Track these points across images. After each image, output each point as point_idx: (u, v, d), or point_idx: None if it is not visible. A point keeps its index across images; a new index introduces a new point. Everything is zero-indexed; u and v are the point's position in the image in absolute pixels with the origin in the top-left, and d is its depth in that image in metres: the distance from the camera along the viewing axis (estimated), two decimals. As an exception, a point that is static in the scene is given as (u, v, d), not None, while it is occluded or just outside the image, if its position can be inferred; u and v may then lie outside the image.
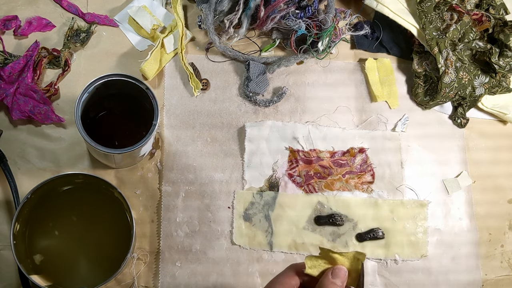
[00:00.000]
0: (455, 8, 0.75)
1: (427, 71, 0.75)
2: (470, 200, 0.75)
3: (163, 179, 0.70)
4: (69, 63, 0.71)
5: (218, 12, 0.73)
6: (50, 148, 0.69)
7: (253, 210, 0.70)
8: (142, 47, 0.74)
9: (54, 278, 0.60)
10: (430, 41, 0.73)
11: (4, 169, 0.66)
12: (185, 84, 0.74)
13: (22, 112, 0.68)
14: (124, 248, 0.60)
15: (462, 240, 0.73)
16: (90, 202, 0.64)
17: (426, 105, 0.76)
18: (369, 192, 0.72)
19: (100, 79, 0.60)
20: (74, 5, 0.74)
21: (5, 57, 0.69)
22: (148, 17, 0.74)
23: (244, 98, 0.74)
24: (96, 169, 0.69)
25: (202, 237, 0.69)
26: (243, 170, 0.71)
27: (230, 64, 0.76)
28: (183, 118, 0.73)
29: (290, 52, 0.76)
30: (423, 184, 0.74)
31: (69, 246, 0.62)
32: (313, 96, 0.75)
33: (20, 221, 0.59)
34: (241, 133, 0.73)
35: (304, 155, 0.72)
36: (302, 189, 0.71)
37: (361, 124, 0.75)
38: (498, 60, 0.74)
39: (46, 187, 0.60)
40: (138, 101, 0.63)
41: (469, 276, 0.72)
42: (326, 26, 0.72)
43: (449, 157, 0.76)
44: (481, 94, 0.75)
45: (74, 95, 0.70)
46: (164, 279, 0.67)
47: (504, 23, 0.75)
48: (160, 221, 0.68)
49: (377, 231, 0.71)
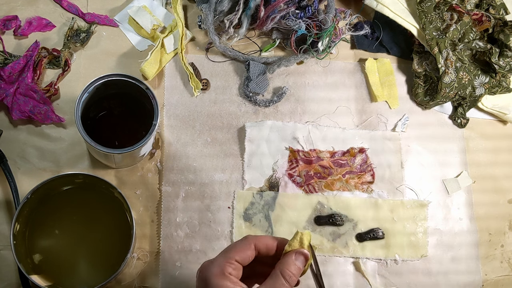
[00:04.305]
0: (455, 8, 0.75)
1: (427, 71, 0.75)
2: (470, 200, 0.75)
3: (163, 179, 0.70)
4: (69, 63, 0.71)
5: (218, 12, 0.73)
6: (50, 148, 0.69)
7: (253, 210, 0.70)
8: (142, 47, 0.74)
9: (54, 278, 0.60)
10: (430, 41, 0.73)
11: (4, 169, 0.66)
12: (185, 84, 0.74)
13: (22, 112, 0.68)
14: (124, 248, 0.60)
15: (462, 240, 0.73)
16: (90, 202, 0.64)
17: (426, 105, 0.76)
18: (369, 192, 0.72)
19: (100, 79, 0.60)
20: (74, 5, 0.74)
21: (5, 57, 0.69)
22: (148, 17, 0.74)
23: (244, 98, 0.74)
24: (96, 169, 0.69)
25: (202, 237, 0.69)
26: (243, 170, 0.71)
27: (230, 64, 0.76)
28: (183, 118, 0.73)
29: (290, 52, 0.76)
30: (423, 184, 0.74)
31: (69, 246, 0.62)
32: (313, 96, 0.75)
33: (20, 221, 0.59)
34: (241, 133, 0.73)
35: (304, 155, 0.72)
36: (302, 189, 0.71)
37: (361, 124, 0.75)
38: (498, 60, 0.74)
39: (46, 187, 0.60)
40: (138, 101, 0.63)
41: (469, 276, 0.72)
42: (326, 26, 0.72)
43: (449, 157, 0.76)
44: (481, 94, 0.75)
45: (74, 95, 0.70)
46: (164, 279, 0.67)
47: (504, 23, 0.75)
48: (160, 221, 0.68)
49: (377, 231, 0.71)
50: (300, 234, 0.51)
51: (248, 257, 0.50)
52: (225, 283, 0.48)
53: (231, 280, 0.48)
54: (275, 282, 0.48)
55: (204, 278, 0.49)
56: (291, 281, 0.49)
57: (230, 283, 0.48)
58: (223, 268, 0.49)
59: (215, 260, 0.50)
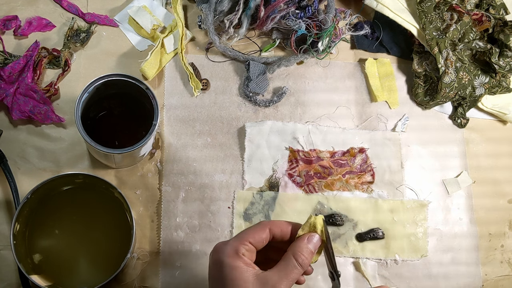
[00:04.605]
0: (455, 8, 0.75)
1: (427, 71, 0.75)
2: (470, 201, 0.75)
3: (163, 179, 0.70)
4: (69, 63, 0.71)
5: (218, 12, 0.73)
6: (50, 148, 0.69)
7: (253, 210, 0.70)
8: (142, 47, 0.74)
9: (54, 278, 0.60)
10: (430, 41, 0.73)
11: (4, 169, 0.66)
12: (185, 84, 0.74)
13: (22, 112, 0.68)
14: (124, 248, 0.60)
15: (462, 240, 0.73)
16: (90, 202, 0.64)
17: (426, 105, 0.76)
18: (369, 192, 0.72)
19: (100, 79, 0.60)
20: (74, 5, 0.74)
21: (5, 57, 0.69)
22: (148, 17, 0.74)
23: (244, 98, 0.74)
24: (96, 169, 0.69)
25: (202, 237, 0.69)
26: (243, 170, 0.71)
27: (230, 64, 0.76)
28: (183, 118, 0.73)
29: (290, 52, 0.76)
30: (423, 184, 0.74)
31: (69, 246, 0.62)
32: (313, 96, 0.75)
33: (20, 221, 0.59)
34: (241, 133, 0.73)
35: (304, 155, 0.72)
36: (302, 189, 0.71)
37: (361, 124, 0.75)
38: (498, 60, 0.74)
39: (46, 187, 0.60)
40: (138, 101, 0.63)
41: (469, 276, 0.72)
42: (326, 26, 0.72)
43: (449, 157, 0.76)
44: (481, 94, 0.75)
45: (74, 95, 0.70)
46: (164, 279, 0.67)
47: (504, 23, 0.75)
48: (160, 221, 0.68)
49: (377, 231, 0.71)
50: (314, 218, 0.51)
51: (262, 240, 0.50)
52: (239, 264, 0.48)
53: (244, 260, 0.48)
54: (288, 265, 0.48)
55: (217, 258, 0.49)
56: (303, 264, 0.49)
57: (244, 264, 0.48)
58: (236, 249, 0.48)
59: (229, 241, 0.50)
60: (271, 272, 0.48)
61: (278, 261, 0.49)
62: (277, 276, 0.48)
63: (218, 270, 0.48)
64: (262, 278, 0.47)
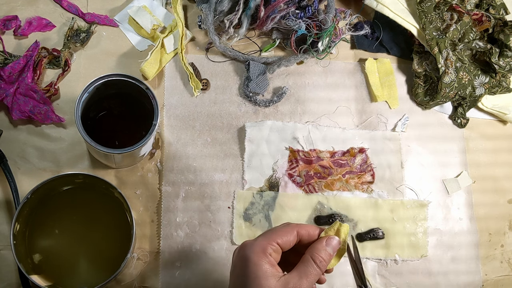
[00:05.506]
0: (455, 8, 0.75)
1: (427, 71, 0.75)
2: (470, 200, 0.75)
3: (163, 179, 0.70)
4: (69, 63, 0.71)
5: (218, 12, 0.73)
6: (50, 148, 0.69)
7: (253, 210, 0.70)
8: (142, 47, 0.74)
9: (54, 278, 0.60)
10: (430, 41, 0.73)
11: (4, 169, 0.66)
12: (185, 84, 0.74)
13: (22, 112, 0.68)
14: (124, 248, 0.60)
15: (462, 240, 0.73)
16: (90, 202, 0.64)
17: (426, 105, 0.76)
18: (369, 192, 0.72)
19: (100, 79, 0.60)
20: (74, 5, 0.74)
21: (5, 57, 0.69)
22: (148, 17, 0.74)
23: (244, 98, 0.74)
24: (96, 169, 0.69)
25: (202, 237, 0.69)
26: (243, 170, 0.71)
27: (230, 64, 0.76)
28: (183, 118, 0.73)
29: (290, 52, 0.76)
30: (423, 184, 0.74)
31: (69, 246, 0.62)
32: (313, 96, 0.75)
33: (20, 221, 0.59)
34: (241, 133, 0.73)
35: (304, 155, 0.72)
36: (302, 189, 0.71)
37: (361, 124, 0.75)
38: (498, 60, 0.74)
39: (46, 187, 0.60)
40: (138, 101, 0.63)
41: (469, 276, 0.72)
42: (326, 26, 0.72)
43: (449, 157, 0.76)
44: (481, 94, 0.75)
45: (74, 95, 0.70)
46: (164, 279, 0.67)
47: (504, 23, 0.75)
48: (160, 221, 0.68)
49: (377, 231, 0.71)
50: (339, 224, 0.51)
51: (290, 242, 0.50)
52: (264, 264, 0.48)
53: (270, 261, 0.48)
54: (306, 267, 0.49)
55: (243, 255, 0.49)
56: (322, 265, 0.49)
57: (269, 264, 0.48)
58: (264, 248, 0.48)
59: (257, 239, 0.50)
60: (291, 275, 0.48)
61: (296, 264, 0.49)
62: (297, 279, 0.48)
63: (243, 266, 0.48)
64: (283, 281, 0.48)
